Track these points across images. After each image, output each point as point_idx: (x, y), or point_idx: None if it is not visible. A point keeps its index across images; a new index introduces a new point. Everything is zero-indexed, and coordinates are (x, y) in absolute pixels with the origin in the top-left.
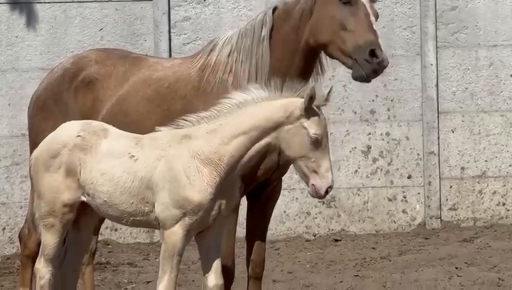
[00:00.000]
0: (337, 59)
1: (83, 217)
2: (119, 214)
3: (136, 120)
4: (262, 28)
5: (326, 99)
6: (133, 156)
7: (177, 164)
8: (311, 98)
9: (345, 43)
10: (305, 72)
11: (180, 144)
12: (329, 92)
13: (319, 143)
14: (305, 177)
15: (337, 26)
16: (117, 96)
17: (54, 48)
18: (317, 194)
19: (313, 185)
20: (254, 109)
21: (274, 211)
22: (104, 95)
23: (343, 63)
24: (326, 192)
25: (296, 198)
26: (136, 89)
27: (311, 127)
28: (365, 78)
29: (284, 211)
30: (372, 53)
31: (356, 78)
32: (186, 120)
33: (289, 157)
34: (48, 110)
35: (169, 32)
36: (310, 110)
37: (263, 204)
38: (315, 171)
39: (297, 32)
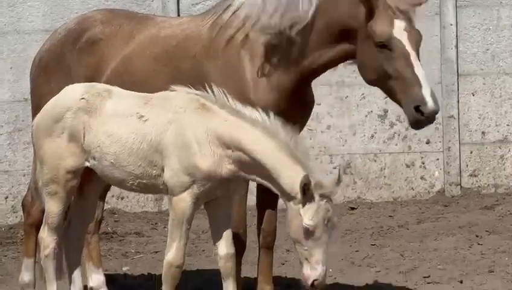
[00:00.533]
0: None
1: (88, 184)
2: (125, 176)
3: (142, 80)
4: (303, 4)
5: (333, 189)
6: (142, 116)
7: (189, 131)
8: (305, 188)
9: (391, 93)
10: (332, 65)
11: (195, 113)
12: (339, 178)
13: (311, 233)
14: (300, 261)
15: (380, 73)
16: (122, 56)
17: (57, 9)
18: (304, 281)
19: (303, 273)
20: (267, 155)
21: None
22: (108, 54)
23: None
24: (313, 285)
25: None
26: (142, 47)
27: (306, 215)
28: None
29: None
30: (417, 109)
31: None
32: (206, 91)
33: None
34: (50, 72)
35: None
36: (309, 198)
37: None
38: (307, 260)
39: (340, 35)
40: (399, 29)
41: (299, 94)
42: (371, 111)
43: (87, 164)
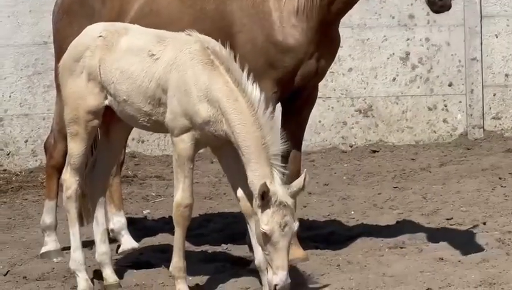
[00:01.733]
0: None
1: (114, 125)
2: (136, 113)
3: (167, 21)
4: None
5: (291, 195)
6: (153, 54)
7: (192, 80)
8: (263, 195)
9: None
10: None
11: (202, 66)
12: (303, 185)
13: (268, 238)
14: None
15: None
16: None
17: None
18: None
19: (267, 277)
20: (247, 144)
21: (308, 121)
22: None
23: None
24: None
25: (332, 107)
26: None
27: (262, 221)
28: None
29: (319, 121)
30: None
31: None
32: (218, 51)
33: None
34: (73, 14)
35: None
36: (266, 203)
37: (299, 112)
38: (269, 264)
39: None
40: None
41: (327, 32)
42: (393, 53)
43: (105, 102)
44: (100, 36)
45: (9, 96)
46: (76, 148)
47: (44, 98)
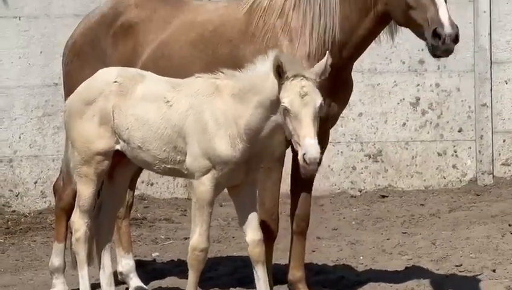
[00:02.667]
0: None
1: (118, 168)
2: (151, 160)
3: (179, 65)
4: None
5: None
6: (168, 101)
7: (206, 116)
8: (279, 70)
9: (415, 28)
10: (372, 35)
11: (211, 96)
12: (324, 66)
13: (290, 113)
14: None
15: (404, 8)
16: (159, 41)
17: None
18: (301, 168)
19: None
20: (261, 84)
21: None
22: (144, 39)
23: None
24: (305, 161)
25: (341, 152)
26: (179, 32)
27: (282, 96)
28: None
29: (329, 166)
30: (435, 34)
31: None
32: (224, 72)
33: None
34: (84, 57)
35: None
36: (284, 79)
37: None
38: (298, 143)
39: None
40: None
41: (339, 77)
42: (403, 99)
43: (117, 146)
44: (115, 82)
45: (19, 138)
46: (85, 190)
47: (54, 140)
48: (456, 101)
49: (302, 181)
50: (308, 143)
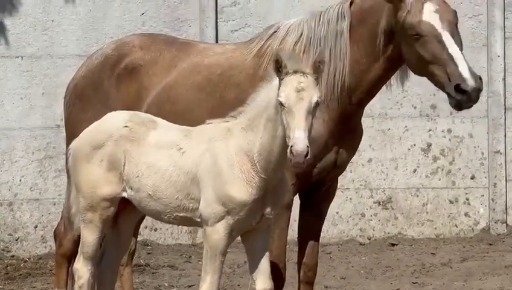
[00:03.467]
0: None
1: (123, 215)
2: (162, 209)
3: (185, 109)
4: (339, 21)
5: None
6: (180, 148)
7: (220, 159)
8: (276, 63)
9: (435, 81)
10: (383, 80)
11: (224, 139)
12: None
13: (285, 108)
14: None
15: (420, 61)
16: (164, 84)
17: (91, 33)
18: (288, 160)
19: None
20: (266, 100)
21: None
22: (149, 82)
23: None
24: (291, 152)
25: (350, 198)
26: (185, 76)
27: (280, 91)
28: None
29: (337, 212)
30: (458, 89)
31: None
32: (231, 115)
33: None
34: (87, 99)
35: (216, 18)
36: (281, 73)
37: (317, 204)
38: (288, 137)
39: (381, 40)
40: (429, 12)
41: (348, 124)
42: (414, 144)
43: (124, 194)
44: (126, 126)
45: (20, 180)
46: (89, 236)
47: (56, 183)
48: (469, 148)
49: (311, 229)
50: (297, 135)
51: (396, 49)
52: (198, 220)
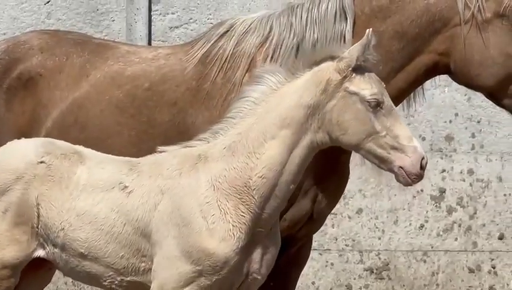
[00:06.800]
0: (502, 107)
1: (25, 284)
2: (101, 272)
3: (99, 137)
4: (337, 19)
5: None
6: (125, 186)
7: (189, 200)
8: (366, 47)
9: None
10: (402, 97)
11: (194, 170)
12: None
13: (380, 105)
14: (386, 164)
15: None
16: (70, 101)
17: None
18: (411, 177)
19: (400, 168)
20: (276, 100)
21: (298, 281)
22: (50, 98)
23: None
24: (422, 167)
25: (331, 264)
26: (99, 90)
27: (363, 88)
28: None
29: (313, 283)
30: None
31: None
32: (199, 138)
33: (350, 145)
34: None
35: (150, 9)
36: (352, 70)
37: (284, 272)
38: (395, 148)
39: (411, 44)
40: None
41: (331, 163)
42: (421, 190)
43: (38, 253)
44: (42, 162)
45: None
46: None
47: None
48: (497, 196)
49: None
50: (418, 144)
51: (443, 50)
52: (153, 285)
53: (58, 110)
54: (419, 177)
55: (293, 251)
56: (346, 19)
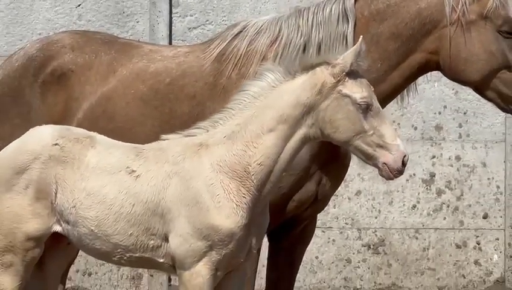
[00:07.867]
0: (486, 99)
1: (50, 256)
2: (110, 248)
3: (125, 127)
4: (340, 21)
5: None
6: (133, 171)
7: (196, 182)
8: (358, 54)
9: (508, 87)
10: (397, 92)
11: (197, 155)
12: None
13: (370, 108)
14: (372, 160)
15: (497, 65)
16: (99, 94)
17: (15, 28)
18: (393, 173)
19: (384, 164)
20: (274, 96)
21: (303, 256)
22: (81, 92)
23: (495, 104)
24: (404, 164)
25: (333, 240)
26: (125, 84)
27: (354, 91)
28: None
29: (316, 257)
30: None
31: None
32: (198, 127)
33: (340, 141)
34: (3, 111)
35: (170, 12)
36: (343, 76)
37: (290, 248)
38: (380, 146)
39: (405, 44)
40: None
41: (334, 149)
42: (414, 174)
43: (56, 228)
44: (56, 144)
45: None
46: (8, 283)
47: None
48: (482, 179)
49: (281, 279)
50: (401, 144)
51: (433, 49)
52: (161, 260)
53: (88, 103)
54: (400, 172)
55: (298, 229)
56: (348, 21)
